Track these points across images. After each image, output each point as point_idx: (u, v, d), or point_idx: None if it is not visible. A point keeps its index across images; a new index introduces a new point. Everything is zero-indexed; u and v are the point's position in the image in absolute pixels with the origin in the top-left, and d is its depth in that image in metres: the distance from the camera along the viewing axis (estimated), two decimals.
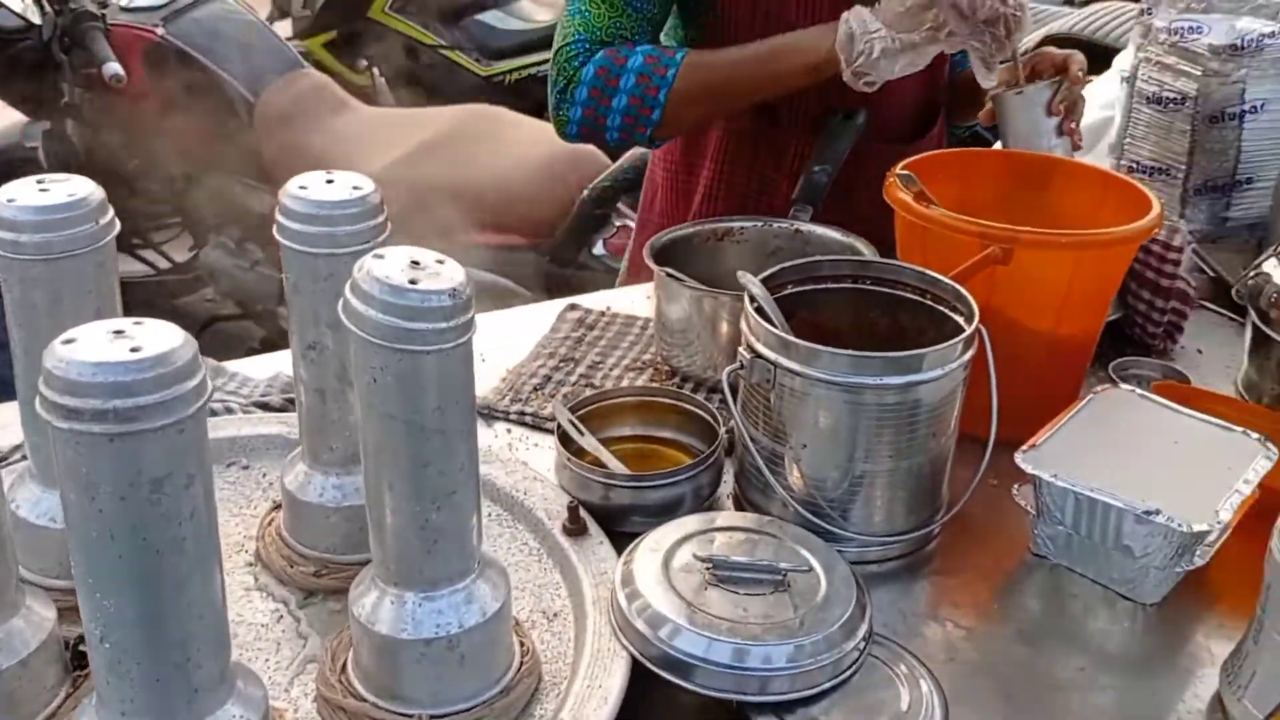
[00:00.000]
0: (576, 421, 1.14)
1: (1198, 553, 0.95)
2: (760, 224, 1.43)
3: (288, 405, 1.24)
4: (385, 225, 0.89)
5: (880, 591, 1.02)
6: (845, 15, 1.36)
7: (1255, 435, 1.04)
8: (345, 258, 0.86)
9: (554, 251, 2.74)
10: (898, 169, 1.25)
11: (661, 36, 1.58)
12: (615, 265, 2.76)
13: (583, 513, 1.04)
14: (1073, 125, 1.44)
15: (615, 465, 1.11)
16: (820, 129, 1.53)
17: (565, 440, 1.12)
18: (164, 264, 3.68)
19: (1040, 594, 1.03)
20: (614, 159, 2.80)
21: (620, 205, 2.87)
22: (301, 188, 0.87)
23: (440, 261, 0.75)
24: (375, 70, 4.69)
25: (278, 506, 1.05)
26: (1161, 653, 0.97)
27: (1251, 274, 1.31)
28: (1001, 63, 1.39)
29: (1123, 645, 0.98)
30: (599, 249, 2.77)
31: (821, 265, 1.15)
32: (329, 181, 0.88)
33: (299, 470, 1.00)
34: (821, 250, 1.38)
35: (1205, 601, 1.01)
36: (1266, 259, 1.29)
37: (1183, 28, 1.65)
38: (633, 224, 2.86)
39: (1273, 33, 1.61)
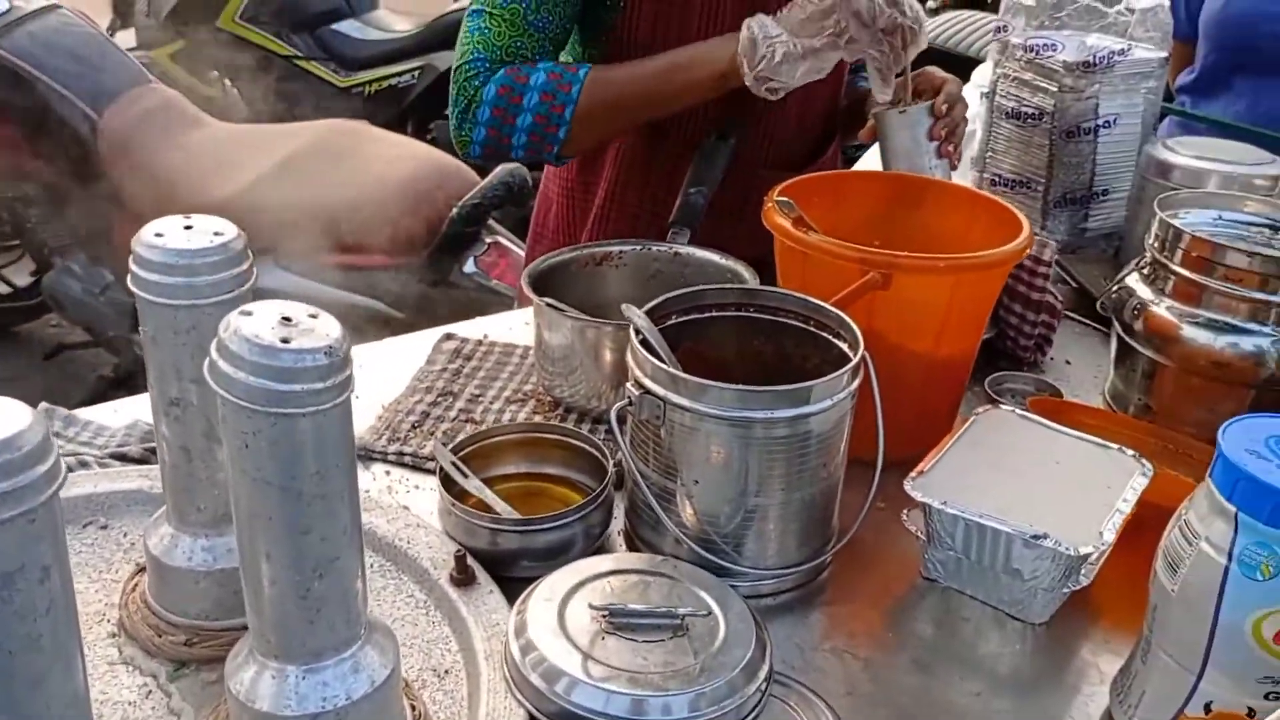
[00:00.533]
0: (459, 463, 1.10)
1: (1083, 572, 0.96)
2: (639, 248, 1.42)
3: (149, 456, 1.16)
4: (250, 272, 0.83)
5: (776, 625, 1.01)
6: (747, 21, 1.36)
7: (1130, 452, 1.06)
8: (208, 309, 0.80)
9: (424, 271, 2.67)
10: (775, 195, 1.25)
11: (560, 55, 1.56)
12: (487, 283, 2.71)
13: (470, 561, 1.00)
14: (950, 148, 1.46)
15: (502, 508, 1.07)
16: (696, 151, 1.52)
17: (448, 483, 1.08)
18: (4, 289, 3.47)
19: (932, 618, 1.04)
20: (483, 175, 2.75)
21: (491, 222, 2.83)
22: (157, 235, 0.81)
23: (313, 316, 0.70)
24: (227, 82, 4.52)
25: (142, 569, 0.98)
26: (1052, 672, 0.99)
27: (1115, 287, 1.35)
28: (896, 75, 1.40)
29: (1015, 666, 0.99)
30: (470, 267, 2.72)
31: (706, 294, 1.14)
32: (187, 227, 0.82)
33: (164, 532, 0.93)
34: (701, 273, 1.37)
35: (1090, 618, 1.03)
36: (1129, 273, 1.33)
37: (1038, 45, 1.70)
38: (504, 241, 2.83)
39: (1122, 50, 1.67)
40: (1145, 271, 1.31)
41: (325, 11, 4.39)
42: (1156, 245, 1.29)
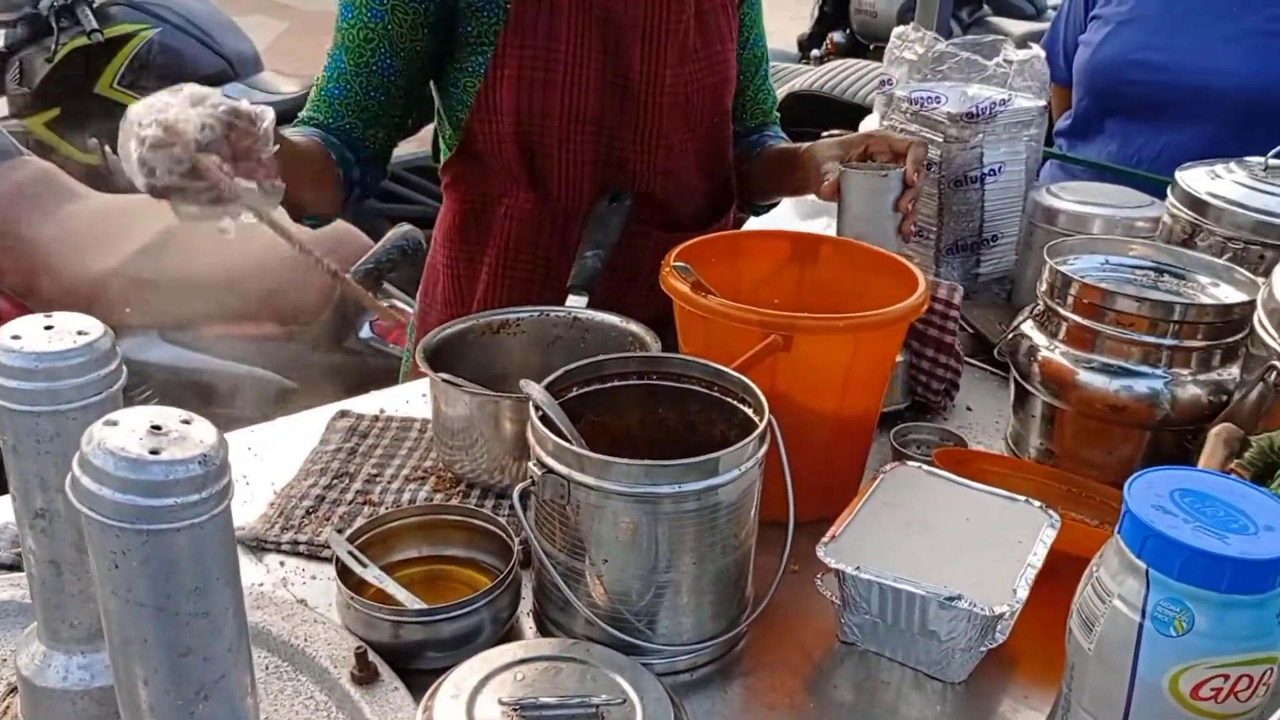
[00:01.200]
0: (356, 552, 1.05)
1: (999, 630, 0.95)
2: (537, 314, 1.39)
3: (20, 562, 1.09)
4: (119, 372, 0.78)
5: (695, 702, 0.98)
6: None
7: (1037, 504, 1.06)
8: (72, 414, 0.75)
9: (318, 339, 2.60)
10: (671, 259, 1.23)
11: (426, 124, 1.53)
12: (384, 348, 2.65)
13: (372, 656, 0.95)
14: (912, 226, 1.46)
15: (404, 597, 1.02)
16: (589, 214, 1.51)
17: (345, 574, 1.03)
18: None
19: (853, 683, 1.02)
20: (376, 239, 2.70)
21: (387, 285, 2.77)
22: (14, 338, 0.75)
23: (186, 421, 0.65)
24: (107, 149, 4.38)
25: (14, 690, 0.90)
26: None
27: (1010, 333, 1.36)
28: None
29: None
30: (366, 332, 2.66)
31: (607, 364, 1.11)
32: (48, 327, 0.76)
33: (35, 650, 0.86)
34: (600, 338, 1.34)
35: (1007, 673, 1.02)
36: (1024, 320, 1.34)
37: (922, 98, 1.72)
38: (400, 304, 2.77)
39: (1003, 100, 1.71)
40: (1039, 317, 1.32)
41: (208, 75, 4.29)
42: (1047, 292, 1.30)
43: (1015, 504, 1.07)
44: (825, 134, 1.63)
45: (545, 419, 1.01)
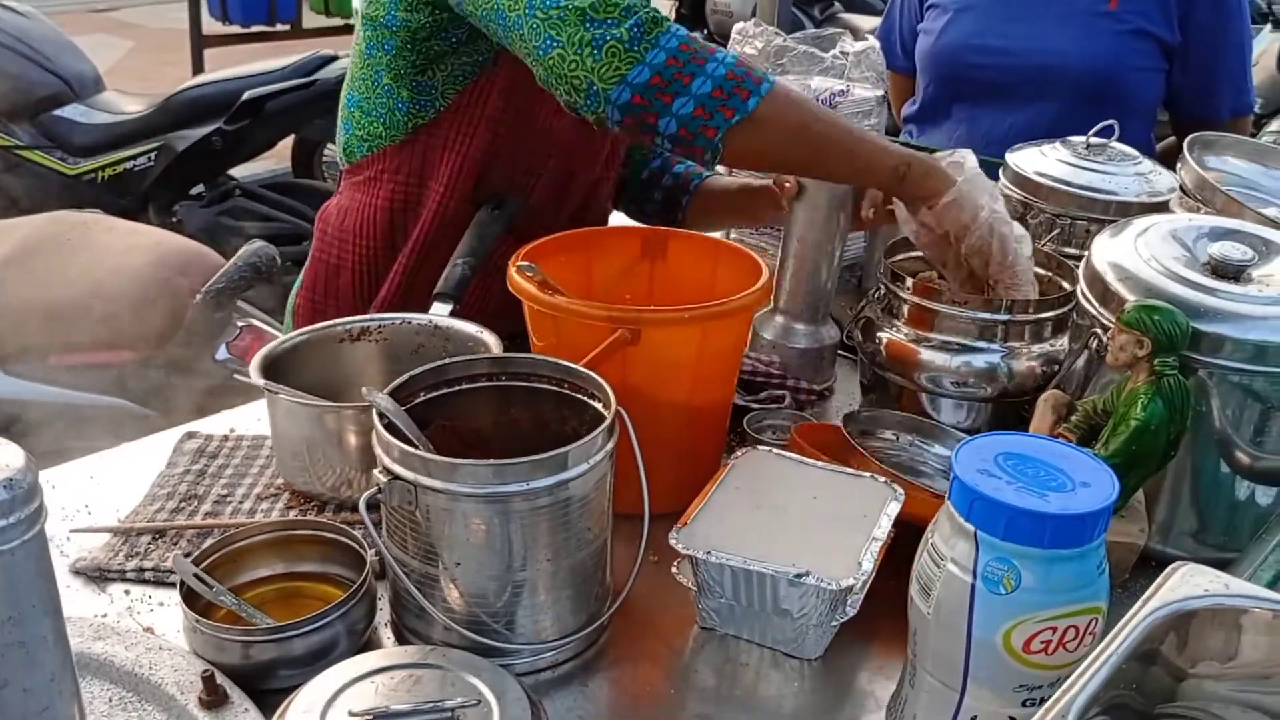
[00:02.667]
0: (202, 574, 1.03)
1: (849, 604, 0.98)
2: (399, 321, 1.37)
3: None
4: None
5: (558, 699, 0.99)
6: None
7: (882, 479, 1.10)
8: None
9: (171, 363, 2.53)
10: (517, 259, 1.24)
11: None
12: (242, 369, 2.59)
13: (220, 679, 0.93)
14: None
15: (254, 616, 1.00)
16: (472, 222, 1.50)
17: (191, 598, 1.01)
18: None
19: (713, 667, 1.03)
20: (229, 256, 2.64)
21: (243, 304, 2.71)
22: None
23: None
24: None
25: None
26: (833, 704, 1.00)
27: (856, 318, 1.40)
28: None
29: (797, 705, 1.00)
30: (223, 354, 2.59)
31: (452, 367, 1.11)
32: None
33: None
34: (461, 347, 1.34)
35: (863, 646, 1.05)
36: (867, 304, 1.39)
37: None
38: (259, 323, 2.71)
39: (843, 90, 1.76)
40: (882, 302, 1.36)
41: (46, 97, 4.13)
42: (887, 276, 1.35)
43: (861, 480, 1.11)
44: None
45: (390, 426, 1.00)
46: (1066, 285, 1.33)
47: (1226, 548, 1.16)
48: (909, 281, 1.32)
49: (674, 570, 1.07)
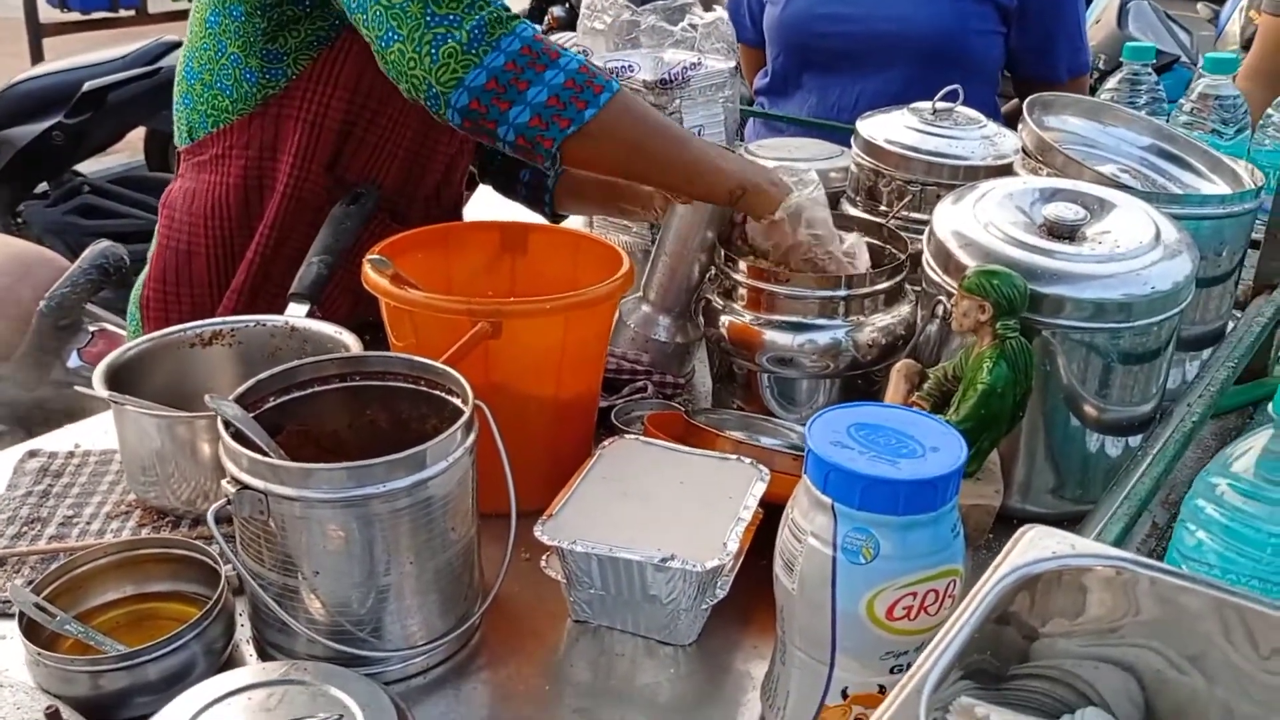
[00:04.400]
0: (44, 603, 0.98)
1: (718, 585, 0.99)
2: (252, 324, 1.32)
3: None
4: None
5: (430, 705, 0.97)
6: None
7: (748, 461, 1.10)
8: None
9: (20, 375, 2.40)
10: (370, 254, 1.21)
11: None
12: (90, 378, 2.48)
13: (67, 714, 0.89)
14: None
15: (103, 644, 0.96)
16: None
17: (32, 630, 0.96)
18: None
19: (588, 661, 1.03)
20: (74, 258, 2.52)
21: (94, 308, 2.59)
22: None
23: None
24: None
25: None
26: (709, 689, 1.00)
27: (697, 303, 1.41)
28: None
29: (674, 692, 1.00)
30: (75, 361, 2.48)
31: (303, 370, 1.07)
32: None
33: None
34: (320, 348, 1.30)
35: (738, 630, 1.06)
36: (709, 286, 1.39)
37: (618, 67, 1.75)
38: (111, 327, 2.60)
39: (694, 63, 1.76)
40: (720, 283, 1.37)
41: None
42: (722, 258, 1.36)
43: (726, 462, 1.11)
44: None
45: (237, 434, 0.97)
46: (899, 254, 1.36)
47: (1083, 500, 1.20)
48: (743, 264, 1.32)
49: (543, 565, 1.06)
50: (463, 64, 1.20)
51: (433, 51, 1.21)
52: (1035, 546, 0.75)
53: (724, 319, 1.34)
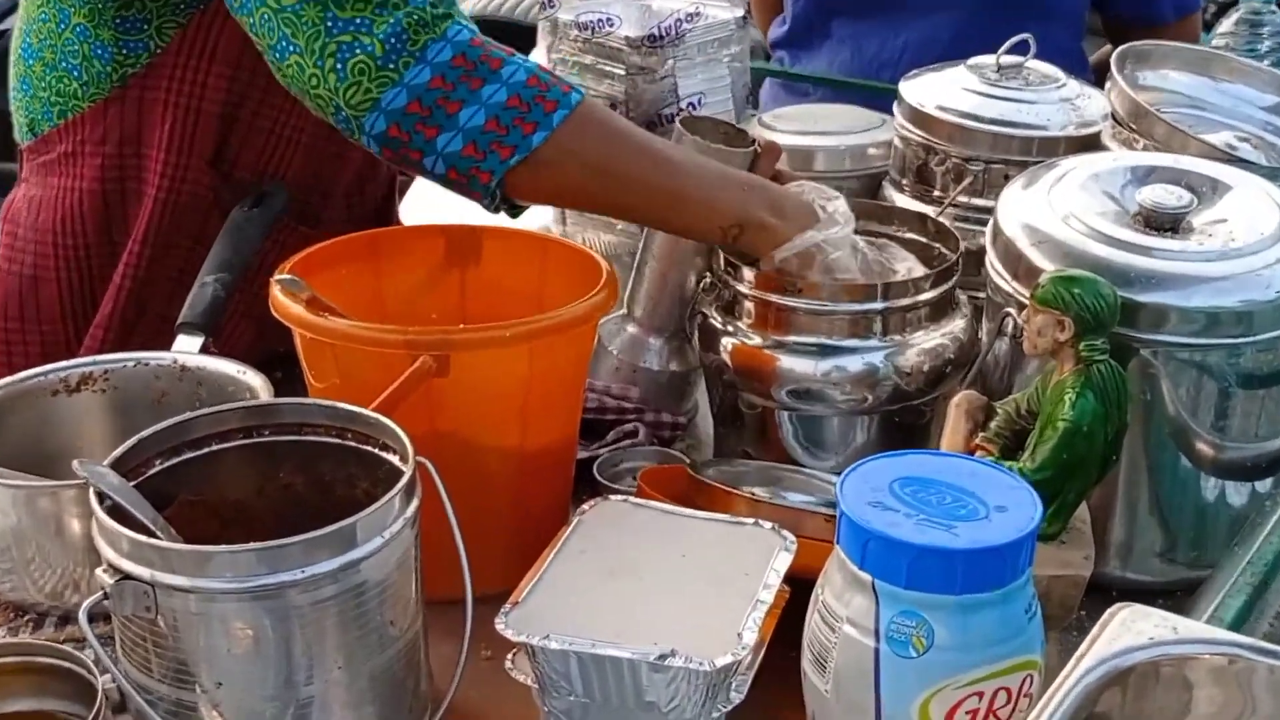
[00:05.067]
0: None
1: (733, 688, 1.01)
2: (131, 363, 1.35)
3: None
4: None
5: None
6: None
7: (769, 525, 1.13)
8: None
9: None
10: (278, 273, 1.24)
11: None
12: None
13: None
14: None
15: None
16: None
17: None
18: None
19: None
20: None
21: None
22: None
23: None
24: None
25: None
26: None
27: (693, 318, 1.44)
28: None
29: None
30: None
31: (198, 423, 1.10)
32: None
33: None
34: (218, 393, 1.32)
35: None
36: (704, 299, 1.43)
37: (592, 21, 1.79)
38: None
39: (691, 14, 1.79)
40: (720, 296, 1.40)
41: None
42: (721, 264, 1.38)
43: (741, 528, 1.14)
44: None
45: (114, 509, 1.00)
46: (948, 253, 1.39)
47: (1199, 563, 1.23)
48: (747, 271, 1.34)
49: (509, 665, 1.08)
50: (377, 81, 1.23)
51: (339, 66, 1.23)
52: (1128, 631, 0.78)
53: (726, 342, 1.37)
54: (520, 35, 3.73)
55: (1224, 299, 1.15)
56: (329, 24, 1.23)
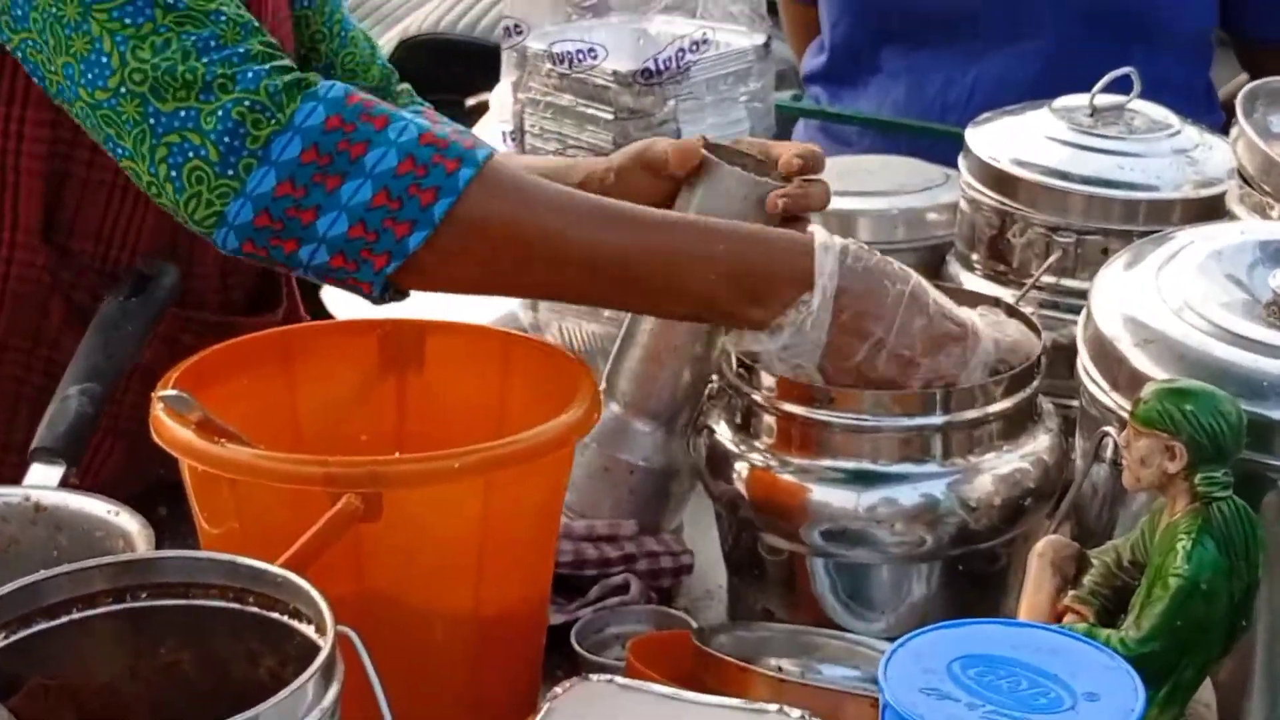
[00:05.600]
0: None
1: None
2: None
3: None
4: None
5: None
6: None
7: (796, 713, 1.13)
8: None
9: None
10: (161, 389, 1.26)
11: None
12: None
13: None
14: None
15: None
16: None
17: None
18: None
19: None
20: None
21: None
22: None
23: None
24: None
25: None
26: None
27: (695, 434, 1.46)
28: None
29: None
30: None
31: (52, 586, 1.11)
32: None
33: None
34: (82, 541, 1.32)
35: None
36: (710, 409, 1.45)
37: (572, 52, 1.81)
38: None
39: (698, 41, 1.81)
40: (730, 405, 1.42)
41: None
42: (733, 365, 1.40)
43: (764, 717, 1.14)
44: None
45: None
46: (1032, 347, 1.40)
47: None
48: (766, 377, 1.36)
49: None
50: (218, 192, 1.27)
51: (173, 175, 1.27)
52: None
53: (740, 467, 1.38)
54: (483, 59, 3.75)
55: None
56: (151, 121, 1.26)
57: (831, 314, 1.32)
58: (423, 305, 1.43)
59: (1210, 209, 1.55)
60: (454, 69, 3.58)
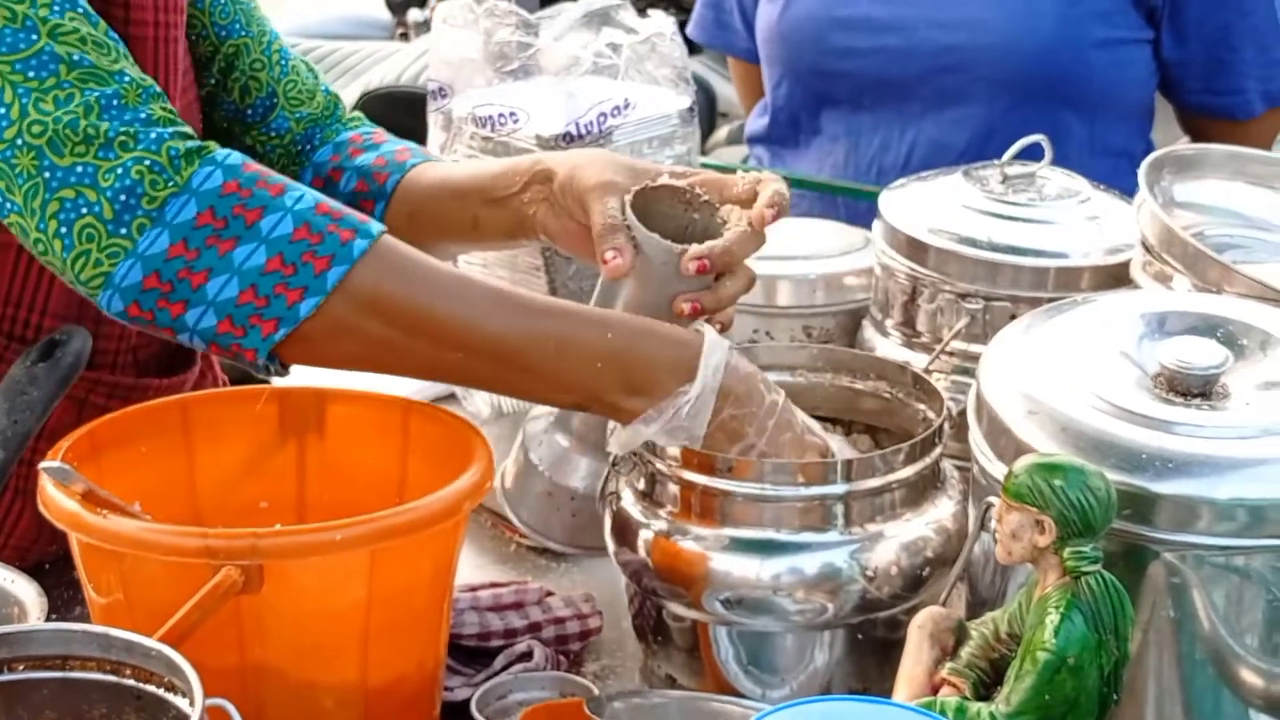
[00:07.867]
0: None
1: None
2: None
3: None
4: None
5: None
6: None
7: None
8: None
9: None
10: (46, 459, 1.26)
11: None
12: None
13: None
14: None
15: None
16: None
17: None
18: None
19: None
20: None
21: None
22: None
23: None
24: None
25: None
26: None
27: (607, 503, 1.46)
28: None
29: None
30: None
31: None
32: None
33: None
34: None
35: None
36: (618, 478, 1.45)
37: (493, 116, 1.81)
38: None
39: (620, 106, 1.82)
40: (636, 473, 1.43)
41: None
42: None
43: None
44: None
45: None
46: (931, 414, 1.42)
47: None
48: (670, 447, 1.36)
49: None
50: (107, 251, 1.27)
51: (62, 231, 1.27)
52: None
53: (644, 536, 1.39)
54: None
55: (1270, 487, 1.15)
56: (46, 175, 1.26)
57: (712, 410, 1.34)
58: (325, 374, 1.44)
59: (1118, 276, 1.56)
60: (413, 122, 3.59)
